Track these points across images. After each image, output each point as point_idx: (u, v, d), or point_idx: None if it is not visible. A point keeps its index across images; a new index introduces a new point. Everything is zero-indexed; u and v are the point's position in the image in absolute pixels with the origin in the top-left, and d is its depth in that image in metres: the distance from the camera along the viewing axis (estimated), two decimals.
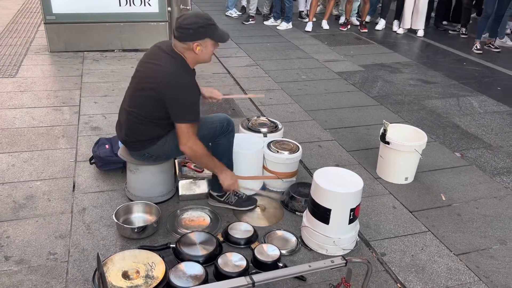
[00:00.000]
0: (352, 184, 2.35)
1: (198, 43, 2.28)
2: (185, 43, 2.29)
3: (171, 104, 2.30)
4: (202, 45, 2.30)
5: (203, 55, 2.34)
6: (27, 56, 5.27)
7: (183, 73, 2.31)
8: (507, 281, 2.30)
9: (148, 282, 2.05)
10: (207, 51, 2.34)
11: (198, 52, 2.31)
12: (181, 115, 2.32)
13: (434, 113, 4.30)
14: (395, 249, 2.48)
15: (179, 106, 2.31)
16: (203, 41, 2.29)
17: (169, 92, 2.28)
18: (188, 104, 2.31)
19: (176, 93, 2.28)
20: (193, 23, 2.25)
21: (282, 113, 4.12)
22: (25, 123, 3.67)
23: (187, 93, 2.30)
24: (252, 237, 2.44)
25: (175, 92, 2.28)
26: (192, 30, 2.25)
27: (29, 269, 2.20)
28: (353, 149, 3.55)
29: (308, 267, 1.85)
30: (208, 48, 2.33)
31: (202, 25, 2.27)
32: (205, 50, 2.33)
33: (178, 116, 2.32)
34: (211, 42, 2.32)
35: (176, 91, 2.28)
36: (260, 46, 6.26)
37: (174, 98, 2.29)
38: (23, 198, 2.73)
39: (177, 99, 2.29)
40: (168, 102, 2.30)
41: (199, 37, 2.27)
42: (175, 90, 2.28)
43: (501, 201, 2.97)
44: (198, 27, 2.25)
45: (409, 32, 7.31)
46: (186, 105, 2.31)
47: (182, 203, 2.77)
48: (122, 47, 5.58)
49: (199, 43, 2.28)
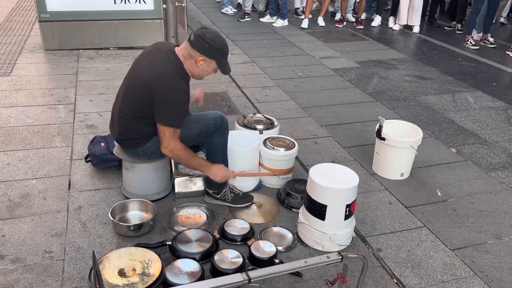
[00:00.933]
0: (347, 180, 2.35)
1: (204, 59, 2.32)
2: (194, 51, 2.31)
3: (158, 104, 2.31)
4: (206, 63, 2.34)
5: (200, 71, 2.38)
6: (22, 54, 5.24)
7: (176, 77, 2.31)
8: (502, 275, 2.31)
9: (144, 280, 2.05)
10: (206, 70, 2.39)
11: (199, 66, 2.34)
12: (165, 118, 2.33)
13: (430, 109, 4.31)
14: (391, 244, 2.49)
15: (165, 108, 2.31)
16: (210, 60, 2.33)
17: (159, 92, 2.28)
18: (175, 109, 2.32)
19: (164, 95, 2.28)
20: (213, 40, 2.30)
21: (278, 110, 4.12)
22: (20, 121, 3.65)
23: (175, 97, 2.30)
24: (249, 234, 2.45)
25: (164, 93, 2.28)
26: (208, 46, 2.29)
27: (25, 267, 2.19)
28: (349, 145, 3.56)
29: (304, 263, 1.85)
30: (208, 69, 2.38)
31: (219, 48, 2.32)
32: (206, 68, 2.37)
33: (162, 118, 2.33)
34: (214, 66, 2.38)
35: (165, 93, 2.28)
36: (256, 43, 6.25)
37: (161, 99, 2.29)
38: (18, 197, 2.72)
39: (164, 101, 2.29)
40: (155, 102, 2.30)
41: (209, 55, 2.31)
42: (165, 92, 2.28)
43: (496, 196, 2.99)
44: (214, 47, 2.30)
45: (405, 29, 7.31)
46: (172, 108, 2.31)
47: (178, 200, 2.77)
48: (117, 45, 5.56)
49: (205, 59, 2.32)
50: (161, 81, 2.28)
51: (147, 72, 2.34)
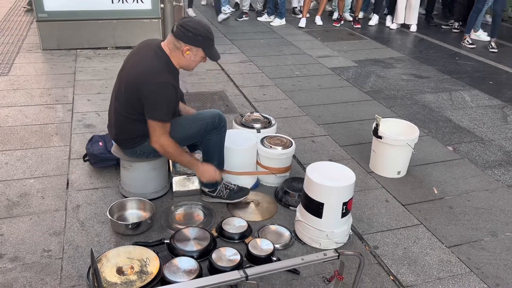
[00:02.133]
0: (344, 178, 2.36)
1: (189, 48, 2.32)
2: (178, 42, 2.31)
3: (145, 99, 2.32)
4: (192, 52, 2.33)
5: (188, 61, 2.38)
6: (20, 54, 5.25)
7: (162, 71, 2.32)
8: (497, 272, 2.33)
9: (143, 278, 2.06)
10: (194, 60, 2.38)
11: (186, 56, 2.34)
12: (152, 112, 2.34)
13: (427, 108, 4.33)
14: (387, 242, 2.51)
15: (152, 103, 2.32)
16: (195, 48, 2.33)
17: (146, 88, 2.29)
18: (161, 103, 2.33)
19: (152, 90, 2.29)
20: (195, 28, 2.29)
21: (276, 109, 4.13)
22: (18, 121, 3.66)
23: (162, 91, 2.31)
24: (246, 232, 2.46)
25: (151, 88, 2.29)
26: (191, 34, 2.28)
27: (23, 266, 2.20)
28: (346, 144, 3.58)
29: (301, 260, 1.86)
30: (196, 58, 2.38)
31: (202, 35, 2.31)
32: (193, 58, 2.37)
33: (150, 113, 2.34)
34: (202, 54, 2.37)
35: (152, 88, 2.29)
36: (253, 42, 6.26)
37: (149, 94, 2.30)
38: (16, 196, 2.72)
39: (151, 96, 2.30)
40: (144, 97, 2.31)
41: (194, 43, 2.31)
42: (151, 87, 2.29)
43: (492, 194, 3.01)
44: (197, 35, 2.29)
45: (402, 28, 7.33)
46: (159, 103, 2.32)
47: (176, 199, 2.78)
48: (115, 44, 5.56)
49: (190, 48, 2.32)
50: (147, 77, 2.29)
51: (135, 71, 2.36)
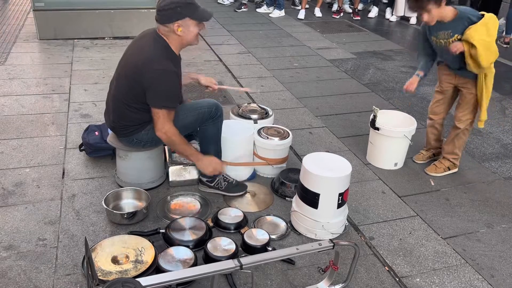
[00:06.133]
0: (340, 168, 2.36)
1: (179, 24, 2.27)
2: (166, 26, 2.28)
3: (148, 88, 2.30)
4: (183, 26, 2.28)
5: (186, 36, 2.32)
6: (16, 43, 5.21)
7: (162, 58, 2.29)
8: (493, 264, 2.33)
9: (137, 267, 2.06)
10: (190, 32, 2.32)
11: (180, 33, 2.30)
12: (156, 100, 2.32)
13: (425, 100, 4.31)
14: (383, 233, 2.51)
15: (155, 91, 2.30)
16: (183, 21, 2.27)
17: (147, 76, 2.27)
18: (164, 90, 2.30)
19: (153, 78, 2.27)
20: (170, 3, 2.24)
21: (274, 100, 4.12)
22: (14, 110, 3.64)
23: (164, 78, 2.28)
24: (242, 222, 2.46)
25: (152, 76, 2.27)
26: (170, 11, 2.24)
27: (18, 254, 2.20)
28: (343, 135, 3.56)
29: (295, 250, 1.86)
30: (190, 29, 2.31)
31: (180, 4, 2.24)
32: (187, 30, 2.31)
33: (154, 101, 2.32)
34: (192, 22, 2.30)
35: (153, 75, 2.27)
36: (252, 33, 6.23)
37: (151, 82, 2.28)
38: (12, 185, 2.71)
39: (153, 83, 2.28)
40: (146, 86, 2.29)
41: (178, 17, 2.25)
42: (152, 74, 2.27)
43: (489, 186, 3.00)
44: (175, 7, 2.24)
45: (401, 20, 7.29)
46: (162, 90, 2.30)
47: (172, 189, 2.77)
48: (113, 34, 5.52)
49: (179, 23, 2.27)
50: (149, 65, 2.27)
51: (136, 58, 2.33)
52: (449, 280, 2.21)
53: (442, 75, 2.84)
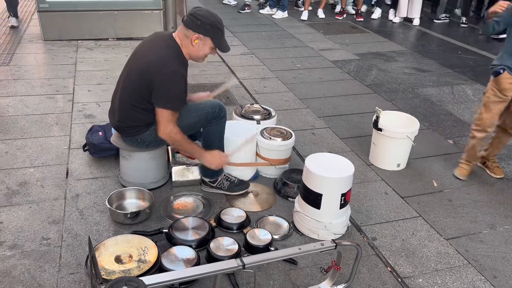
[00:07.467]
0: (343, 169, 2.36)
1: (198, 37, 2.32)
2: (188, 30, 2.32)
3: (156, 88, 2.32)
4: (201, 40, 2.33)
5: (197, 50, 2.37)
6: (21, 44, 5.24)
7: (174, 61, 2.32)
8: (495, 265, 2.33)
9: (141, 266, 2.07)
10: (203, 50, 2.37)
11: (195, 45, 2.34)
12: (163, 101, 2.34)
13: (428, 101, 4.31)
14: (386, 233, 2.51)
15: (163, 91, 2.32)
16: (204, 37, 2.33)
17: (156, 76, 2.30)
18: (172, 91, 2.33)
19: (162, 79, 2.30)
20: (204, 17, 2.30)
21: (277, 101, 4.12)
22: (18, 111, 3.66)
23: (173, 80, 2.31)
24: (245, 222, 2.46)
25: (162, 77, 2.29)
26: (200, 22, 2.29)
27: (22, 253, 2.21)
28: (346, 136, 3.57)
29: (298, 250, 1.87)
30: (205, 47, 2.37)
31: (211, 24, 2.31)
32: (202, 47, 2.36)
33: (160, 101, 2.34)
34: (210, 43, 2.36)
35: (163, 76, 2.29)
36: (255, 34, 6.24)
37: (159, 82, 2.30)
38: (16, 185, 2.73)
39: (162, 84, 2.30)
40: (155, 85, 2.31)
41: (203, 32, 2.31)
42: (163, 76, 2.29)
43: (492, 187, 3.00)
44: (206, 23, 2.29)
45: (405, 21, 7.29)
46: (170, 92, 2.32)
47: (175, 189, 2.78)
48: (116, 35, 5.55)
49: (199, 36, 2.32)
50: (158, 65, 2.29)
51: (145, 58, 2.36)
52: (451, 281, 2.21)
53: (507, 83, 2.80)
